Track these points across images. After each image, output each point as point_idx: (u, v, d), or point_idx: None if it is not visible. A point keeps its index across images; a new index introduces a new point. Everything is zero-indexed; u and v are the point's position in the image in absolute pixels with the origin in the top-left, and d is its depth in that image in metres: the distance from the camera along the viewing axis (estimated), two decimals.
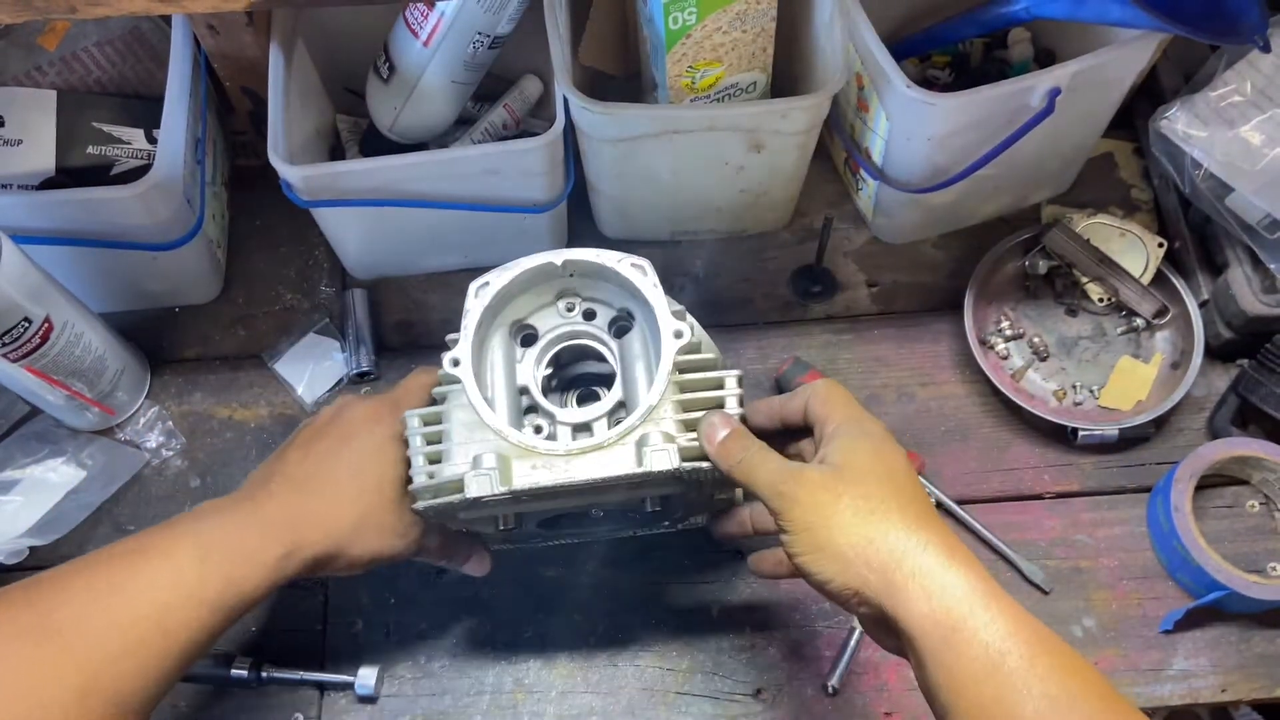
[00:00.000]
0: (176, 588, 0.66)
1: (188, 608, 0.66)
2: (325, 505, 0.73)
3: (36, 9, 0.78)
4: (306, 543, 0.72)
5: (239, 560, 0.69)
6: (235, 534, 0.70)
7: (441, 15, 0.91)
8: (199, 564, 0.67)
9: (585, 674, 0.90)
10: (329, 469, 0.75)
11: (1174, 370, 1.00)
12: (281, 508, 0.73)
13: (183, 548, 0.68)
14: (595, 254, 0.75)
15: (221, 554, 0.68)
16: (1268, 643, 0.90)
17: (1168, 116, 0.96)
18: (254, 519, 0.72)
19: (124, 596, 0.65)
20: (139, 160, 1.02)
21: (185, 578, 0.67)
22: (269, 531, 0.71)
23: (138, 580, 0.66)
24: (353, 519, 0.74)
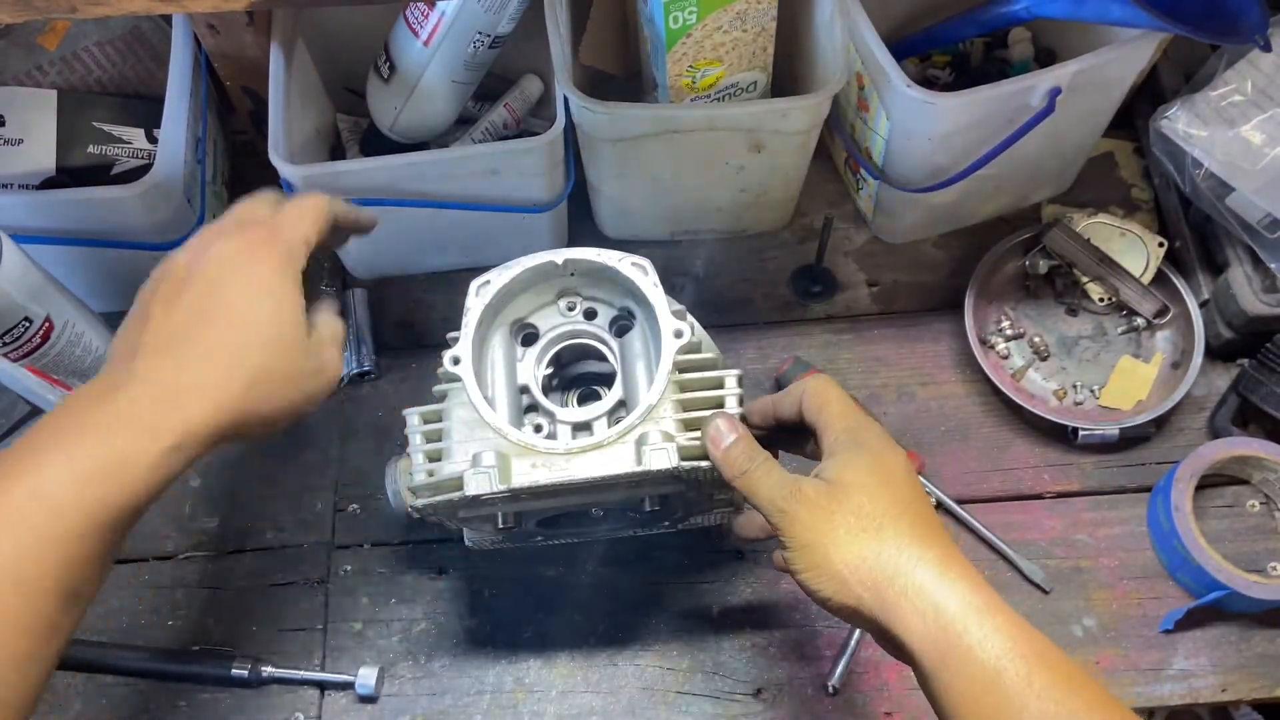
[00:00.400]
0: (53, 523, 0.55)
1: (65, 547, 0.55)
2: (209, 372, 0.61)
3: (37, 9, 0.78)
4: (195, 423, 0.59)
5: (115, 469, 0.57)
6: (106, 438, 0.57)
7: (442, 15, 0.91)
8: (71, 487, 0.55)
9: (585, 673, 0.90)
10: (203, 327, 0.62)
11: (1174, 370, 1.00)
12: (153, 390, 0.59)
13: (50, 468, 0.56)
14: (596, 253, 0.75)
15: (93, 467, 0.56)
16: (1268, 642, 0.90)
17: (1168, 116, 0.96)
18: (123, 412, 0.58)
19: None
20: (139, 160, 1.02)
21: (62, 509, 0.55)
22: (143, 424, 0.58)
23: (8, 517, 0.55)
24: (247, 378, 0.61)
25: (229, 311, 0.62)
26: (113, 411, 0.58)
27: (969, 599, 0.58)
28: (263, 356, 0.62)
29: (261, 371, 0.62)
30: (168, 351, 0.61)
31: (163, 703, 0.90)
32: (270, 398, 0.63)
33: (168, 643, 0.92)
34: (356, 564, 0.95)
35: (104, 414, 0.58)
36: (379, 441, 1.00)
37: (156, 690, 0.90)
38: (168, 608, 0.93)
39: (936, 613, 0.58)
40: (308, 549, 0.95)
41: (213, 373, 0.61)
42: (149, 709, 0.90)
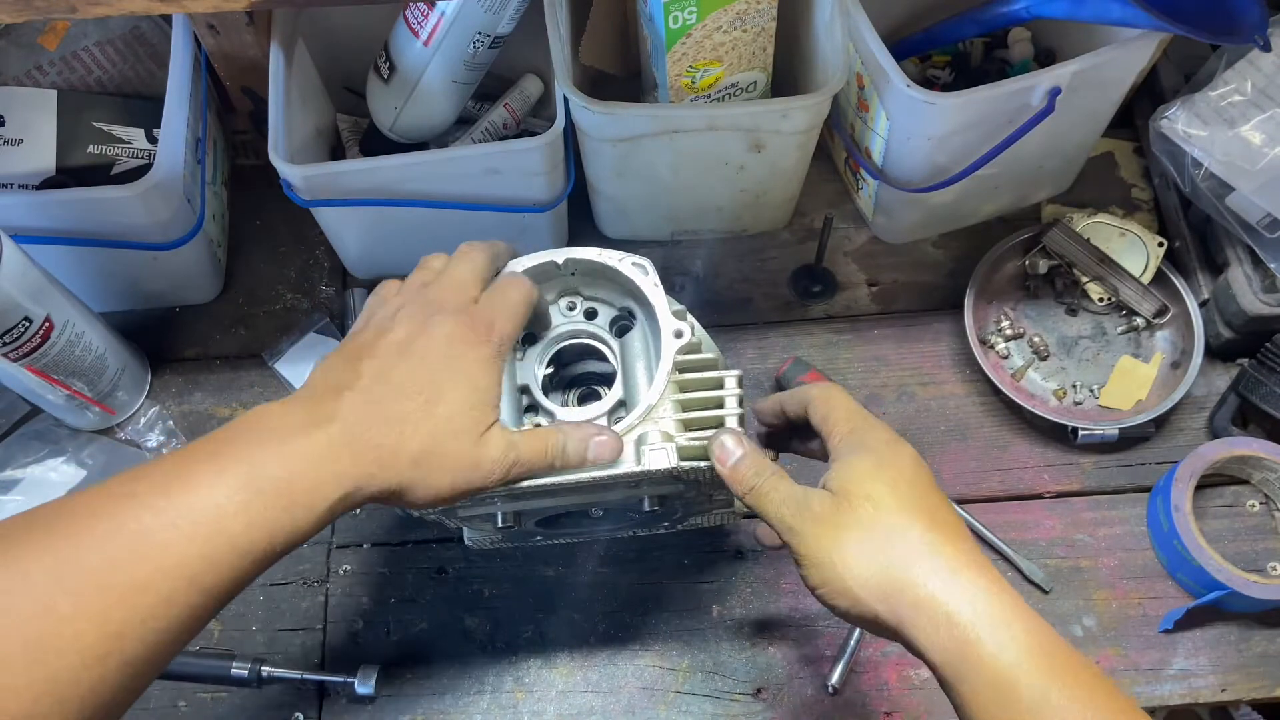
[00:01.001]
0: (217, 536, 0.55)
1: (229, 559, 0.56)
2: (398, 437, 0.62)
3: (37, 9, 0.78)
4: (371, 482, 0.61)
5: (291, 501, 0.58)
6: (294, 467, 0.59)
7: (442, 15, 0.91)
8: (246, 507, 0.56)
9: (585, 673, 0.90)
10: (409, 394, 0.63)
11: (1174, 370, 1.00)
12: (349, 437, 0.61)
13: (229, 482, 0.57)
14: (596, 253, 0.75)
15: (274, 493, 0.57)
16: (1268, 642, 0.90)
17: (1168, 116, 0.96)
18: (316, 449, 0.60)
19: (157, 543, 0.54)
20: (139, 160, 1.02)
21: (229, 525, 0.56)
22: (331, 467, 0.60)
23: (176, 525, 0.55)
24: (420, 453, 0.63)
25: (435, 388, 0.64)
26: (308, 445, 0.60)
27: (982, 607, 0.58)
28: (439, 438, 0.63)
29: (429, 452, 0.63)
30: (374, 408, 0.62)
31: (163, 703, 0.90)
32: (427, 478, 0.63)
33: None
34: (356, 564, 0.95)
35: (298, 445, 0.59)
36: None
37: (157, 690, 0.90)
38: None
39: (950, 623, 0.57)
40: (307, 549, 0.95)
41: (401, 442, 0.62)
42: (149, 709, 0.90)
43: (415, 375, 0.64)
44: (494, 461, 0.65)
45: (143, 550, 0.53)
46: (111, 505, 0.54)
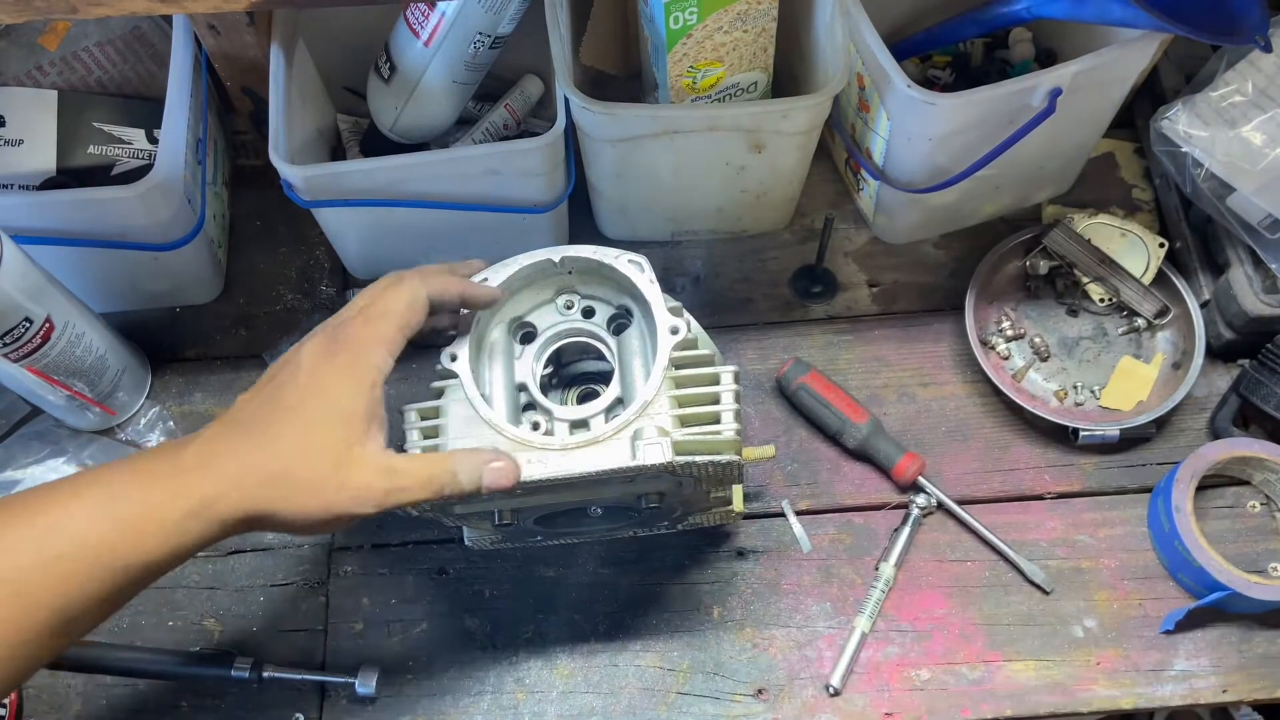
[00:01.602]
0: (61, 553, 0.57)
1: (68, 578, 0.57)
2: (250, 456, 0.61)
3: (37, 9, 0.78)
4: (221, 501, 0.60)
5: (135, 521, 0.58)
6: (138, 491, 0.59)
7: (442, 15, 0.91)
8: (102, 520, 0.58)
9: (586, 674, 0.90)
10: (267, 414, 0.63)
11: (1175, 370, 0.99)
12: (203, 459, 0.61)
13: (88, 500, 0.59)
14: (593, 251, 0.75)
15: (116, 513, 0.58)
16: (1269, 643, 0.90)
17: (1169, 116, 0.96)
18: (166, 468, 0.60)
19: (13, 565, 0.56)
20: (140, 160, 1.02)
21: (87, 539, 0.58)
22: (177, 485, 0.60)
23: (31, 539, 0.57)
24: (269, 474, 0.61)
25: (295, 409, 0.63)
26: (154, 469, 0.60)
27: None
28: (292, 456, 0.61)
29: (284, 472, 0.61)
30: (232, 429, 0.63)
31: (163, 703, 0.90)
32: (287, 500, 0.61)
33: (168, 643, 0.92)
34: (357, 565, 0.95)
35: (148, 470, 0.60)
36: None
37: (156, 690, 0.90)
38: (168, 608, 0.93)
39: None
40: (308, 550, 0.95)
41: (246, 459, 0.61)
42: (149, 709, 0.90)
43: (278, 396, 0.63)
44: (363, 486, 0.63)
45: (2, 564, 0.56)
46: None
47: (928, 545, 0.95)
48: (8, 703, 0.88)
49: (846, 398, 0.97)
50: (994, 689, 0.89)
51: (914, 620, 0.92)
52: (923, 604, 0.92)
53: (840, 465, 0.98)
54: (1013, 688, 0.89)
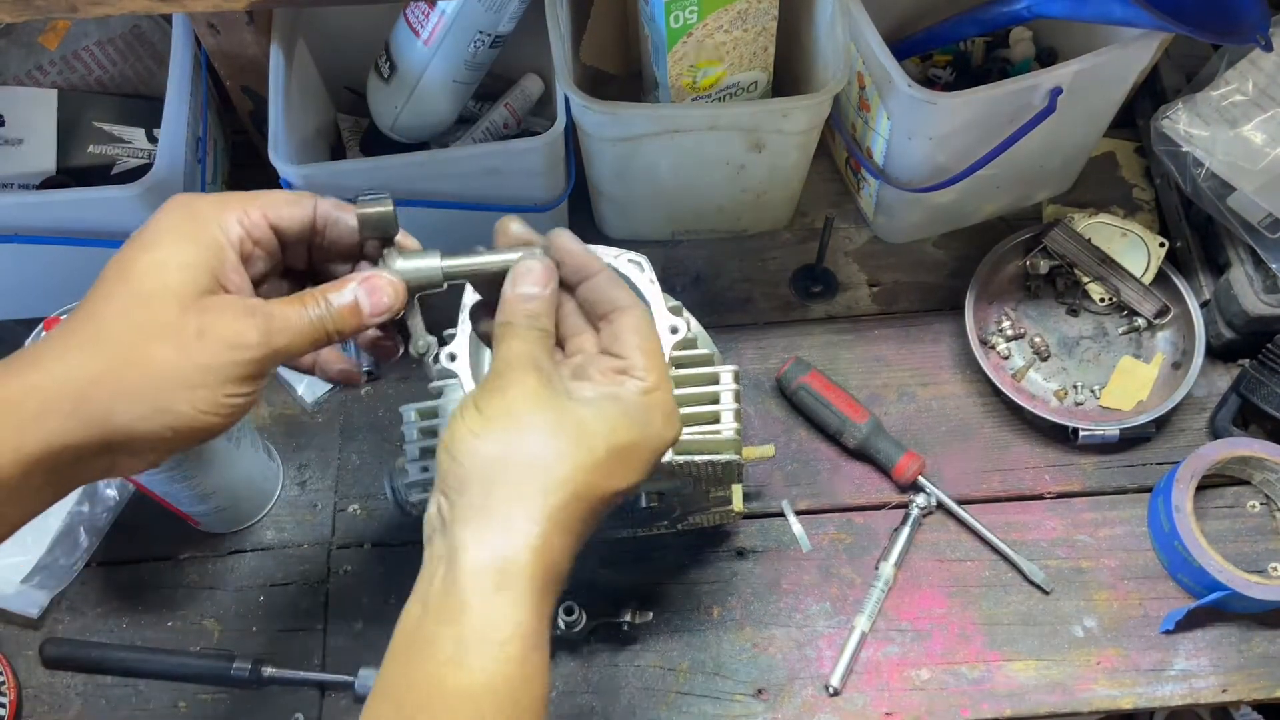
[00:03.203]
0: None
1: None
2: (75, 338, 0.50)
3: (37, 8, 0.78)
4: (32, 423, 0.48)
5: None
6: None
7: (443, 14, 0.91)
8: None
9: (586, 674, 0.90)
10: (86, 298, 0.53)
11: (1175, 370, 0.99)
12: (24, 377, 0.49)
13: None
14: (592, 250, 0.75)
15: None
16: (1269, 643, 0.90)
17: (1169, 116, 0.96)
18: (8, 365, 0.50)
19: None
20: (140, 159, 1.02)
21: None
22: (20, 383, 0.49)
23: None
24: (95, 373, 0.49)
25: (103, 280, 0.53)
26: None
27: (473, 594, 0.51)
28: (118, 319, 0.51)
29: (118, 370, 0.49)
30: (44, 342, 0.52)
31: (163, 703, 0.90)
32: (127, 406, 0.49)
33: (168, 643, 0.92)
34: (356, 564, 0.95)
35: None
36: (379, 441, 0.99)
37: (156, 690, 0.90)
38: (168, 608, 0.93)
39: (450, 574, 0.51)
40: (308, 549, 0.95)
41: (67, 346, 0.51)
42: (149, 709, 0.90)
43: (100, 277, 0.54)
44: (231, 330, 0.51)
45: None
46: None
47: (928, 545, 0.95)
48: (7, 703, 0.88)
49: (846, 397, 0.97)
50: (994, 689, 0.89)
51: (914, 620, 0.92)
52: (923, 604, 0.92)
53: (840, 465, 0.98)
54: (1013, 687, 0.89)
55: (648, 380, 0.56)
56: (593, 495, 0.55)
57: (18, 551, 0.92)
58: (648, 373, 0.56)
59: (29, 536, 0.93)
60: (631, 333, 0.57)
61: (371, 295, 0.56)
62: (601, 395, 0.55)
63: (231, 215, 0.56)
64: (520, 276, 0.57)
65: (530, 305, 0.56)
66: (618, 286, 0.59)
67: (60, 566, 0.93)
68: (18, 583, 0.91)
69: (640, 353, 0.57)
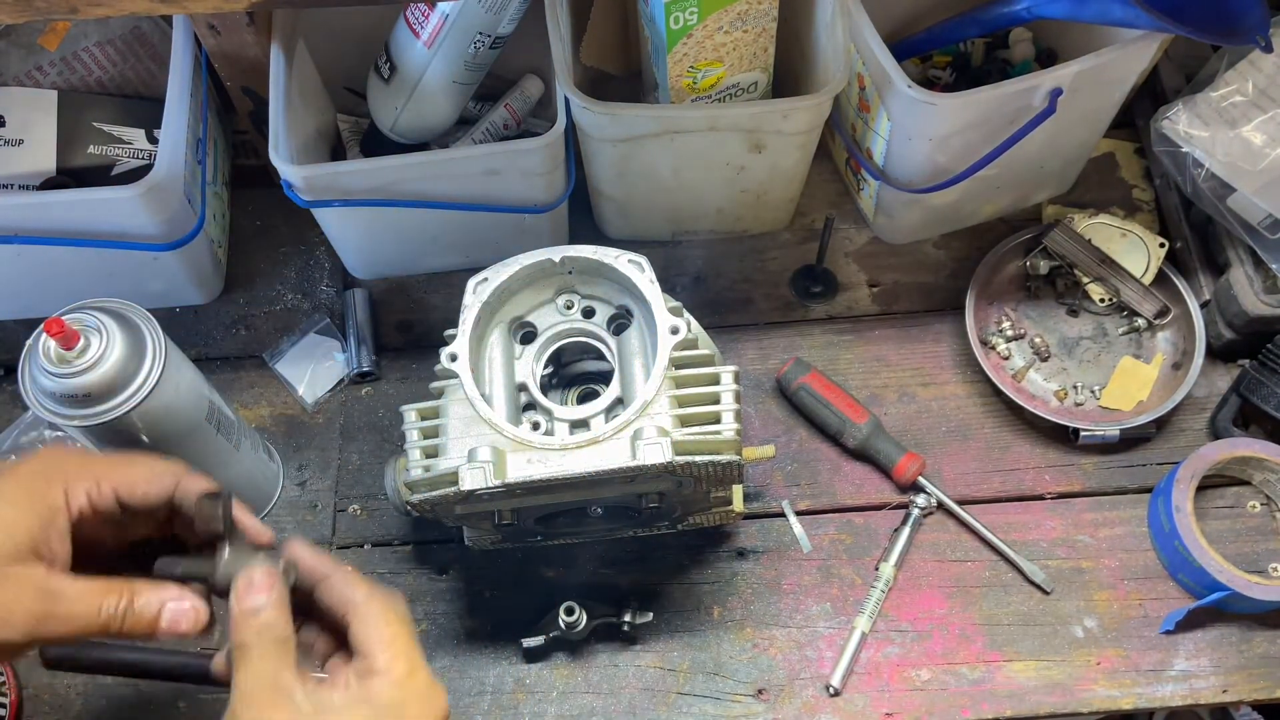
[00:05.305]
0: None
1: None
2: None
3: (37, 9, 0.78)
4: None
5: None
6: None
7: (443, 15, 0.91)
8: None
9: (586, 674, 0.90)
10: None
11: (1175, 370, 0.99)
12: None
13: None
14: (593, 250, 0.75)
15: None
16: (1269, 643, 0.90)
17: (1169, 116, 0.96)
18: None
19: None
20: (140, 160, 1.02)
21: None
22: None
23: None
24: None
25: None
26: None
27: None
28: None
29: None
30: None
31: (163, 703, 0.90)
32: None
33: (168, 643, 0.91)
34: (357, 564, 0.95)
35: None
36: (379, 441, 1.00)
37: (156, 690, 0.90)
38: None
39: None
40: None
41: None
42: (149, 709, 0.90)
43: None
44: (6, 604, 0.54)
45: None
46: None
47: (928, 545, 0.94)
48: (8, 703, 0.88)
49: (847, 398, 0.97)
50: (994, 689, 0.89)
51: (914, 620, 0.92)
52: (923, 604, 0.92)
53: (840, 465, 0.98)
54: (1013, 688, 0.89)
55: (393, 672, 0.56)
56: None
57: None
58: (392, 663, 0.56)
59: None
60: (369, 626, 0.57)
61: (173, 618, 0.58)
62: (351, 700, 0.55)
63: (82, 485, 0.58)
64: (242, 591, 0.57)
65: (260, 618, 0.56)
66: (351, 584, 0.59)
67: None
68: None
69: (380, 645, 0.57)
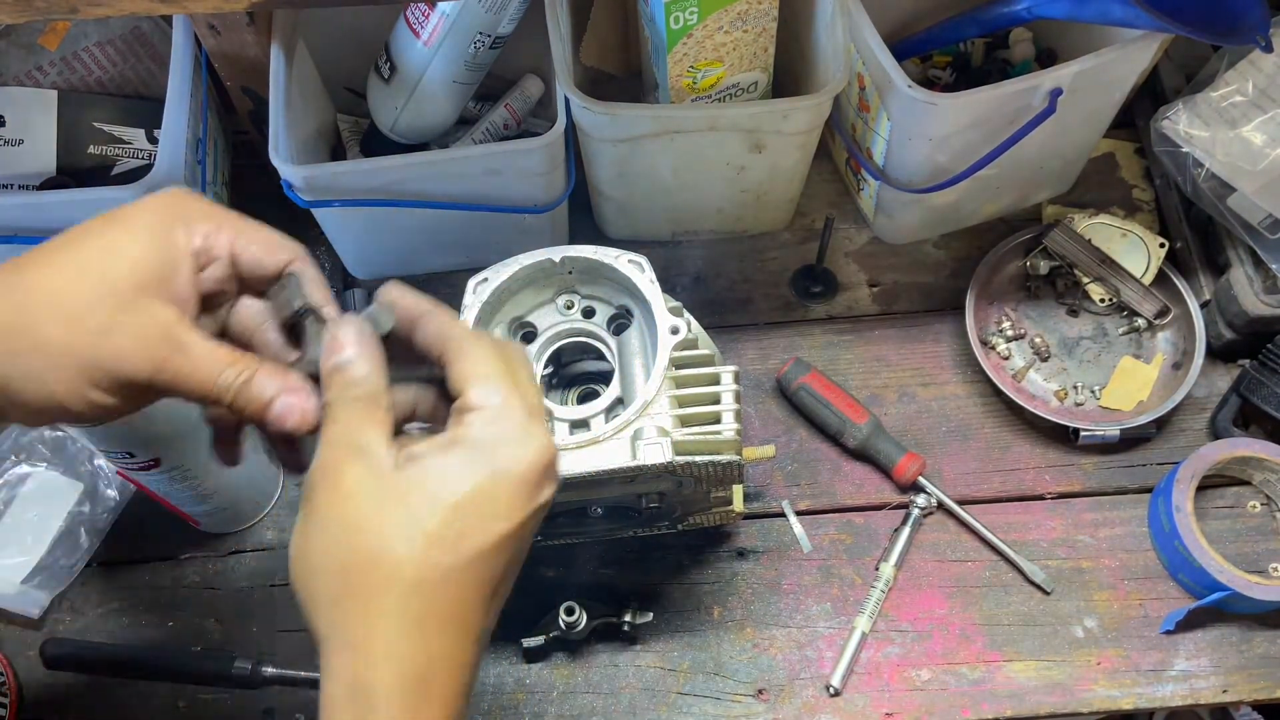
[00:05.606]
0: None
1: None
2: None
3: (37, 9, 0.78)
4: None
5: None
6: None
7: (443, 15, 0.91)
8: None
9: (586, 674, 0.90)
10: (33, 256, 0.52)
11: (1175, 370, 0.99)
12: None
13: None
14: (593, 250, 0.75)
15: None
16: (1269, 643, 0.90)
17: (1169, 116, 0.96)
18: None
19: None
20: (140, 160, 1.02)
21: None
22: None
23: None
24: (17, 301, 0.49)
25: (47, 248, 0.52)
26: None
27: None
28: (41, 290, 0.50)
29: (24, 303, 0.49)
30: None
31: (163, 703, 0.90)
32: (26, 333, 0.49)
33: (168, 643, 0.92)
34: None
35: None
36: None
37: (156, 690, 0.90)
38: (168, 608, 0.93)
39: None
40: None
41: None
42: (149, 709, 0.90)
43: (49, 243, 0.52)
44: (136, 337, 0.49)
45: None
46: None
47: (928, 545, 0.94)
48: (8, 703, 0.88)
49: (847, 398, 0.97)
50: (994, 689, 0.89)
51: (914, 620, 0.92)
52: (923, 604, 0.92)
53: (840, 465, 0.98)
54: (1013, 688, 0.89)
55: (485, 408, 0.50)
56: (446, 575, 0.48)
57: (18, 552, 0.92)
58: (485, 398, 0.50)
59: (29, 537, 0.93)
60: (466, 361, 0.51)
61: (285, 409, 0.52)
62: (433, 448, 0.49)
63: (202, 229, 0.54)
64: (329, 346, 0.52)
65: (345, 374, 0.51)
66: (447, 323, 0.53)
67: (61, 567, 0.93)
68: (18, 583, 0.91)
69: (475, 379, 0.50)
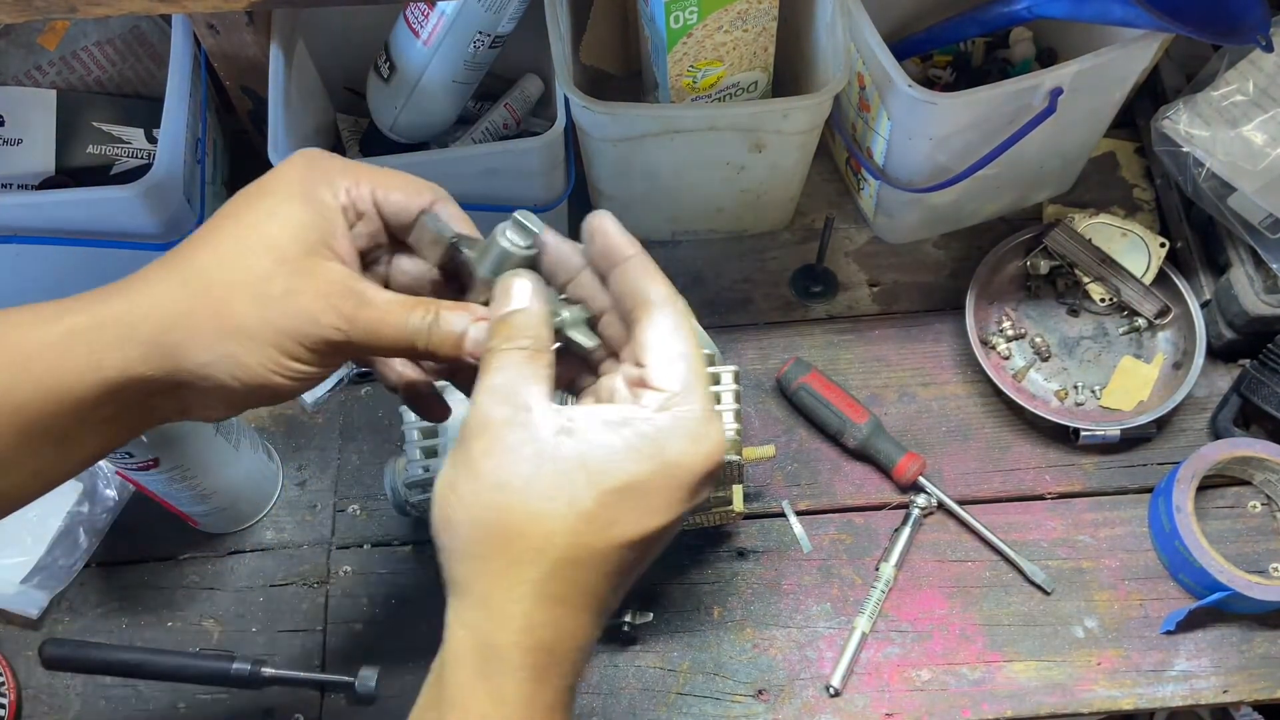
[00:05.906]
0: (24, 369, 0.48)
1: None
2: (167, 269, 0.50)
3: (36, 9, 0.78)
4: (105, 316, 0.49)
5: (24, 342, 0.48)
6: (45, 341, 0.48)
7: (442, 14, 0.91)
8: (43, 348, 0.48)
9: (585, 674, 0.90)
10: (192, 244, 0.51)
11: (1176, 370, 0.99)
12: (110, 304, 0.49)
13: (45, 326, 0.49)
14: None
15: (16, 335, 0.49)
16: (1269, 643, 0.90)
17: (1170, 116, 0.96)
18: (69, 320, 0.49)
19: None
20: (139, 160, 1.02)
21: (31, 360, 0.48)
22: (69, 311, 0.49)
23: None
24: (178, 309, 0.48)
25: (210, 226, 0.51)
26: (66, 318, 0.49)
27: None
28: (216, 263, 0.49)
29: (204, 279, 0.48)
30: (160, 273, 0.50)
31: (163, 703, 0.90)
32: (213, 312, 0.48)
33: (168, 643, 0.91)
34: (356, 565, 0.95)
35: (62, 314, 0.50)
36: (379, 441, 0.99)
37: (156, 690, 0.90)
38: (168, 608, 0.93)
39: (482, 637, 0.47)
40: (308, 549, 0.95)
41: (159, 275, 0.50)
42: (149, 709, 0.90)
43: (220, 221, 0.52)
44: (322, 294, 0.49)
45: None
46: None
47: (928, 545, 0.94)
48: (7, 704, 0.88)
49: (847, 398, 0.97)
50: (994, 689, 0.89)
51: (914, 620, 0.92)
52: (923, 604, 0.92)
53: (840, 465, 0.98)
54: (1013, 688, 0.89)
55: (665, 391, 0.47)
56: (591, 556, 0.46)
57: (18, 552, 0.92)
58: (667, 382, 0.47)
59: (29, 537, 0.93)
60: (656, 330, 0.49)
61: (479, 339, 0.51)
62: (602, 423, 0.46)
63: (343, 183, 0.54)
64: (498, 296, 0.51)
65: (511, 323, 0.49)
66: (648, 276, 0.50)
67: (60, 567, 0.93)
68: (17, 583, 0.91)
69: (661, 358, 0.48)
